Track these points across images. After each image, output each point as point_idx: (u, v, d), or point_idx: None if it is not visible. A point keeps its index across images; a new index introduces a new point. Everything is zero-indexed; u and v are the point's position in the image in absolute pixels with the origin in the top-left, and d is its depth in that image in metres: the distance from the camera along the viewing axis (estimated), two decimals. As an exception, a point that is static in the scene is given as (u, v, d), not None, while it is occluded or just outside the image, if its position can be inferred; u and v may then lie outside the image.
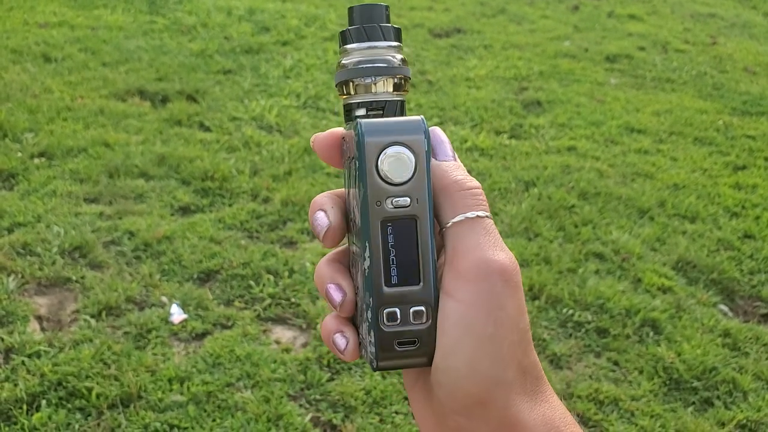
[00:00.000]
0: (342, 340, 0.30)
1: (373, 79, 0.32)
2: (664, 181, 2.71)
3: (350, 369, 1.64)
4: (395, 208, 0.29)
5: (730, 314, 2.00)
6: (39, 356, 1.57)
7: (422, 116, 0.31)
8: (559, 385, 1.65)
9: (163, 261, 1.93)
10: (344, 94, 0.33)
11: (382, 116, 0.31)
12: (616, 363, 1.74)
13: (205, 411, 1.47)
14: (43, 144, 2.48)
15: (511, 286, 0.28)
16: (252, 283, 1.88)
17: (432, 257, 0.29)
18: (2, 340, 1.61)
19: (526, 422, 0.27)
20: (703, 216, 2.48)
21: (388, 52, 0.32)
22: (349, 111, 0.33)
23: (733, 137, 3.21)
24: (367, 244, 0.29)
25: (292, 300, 1.84)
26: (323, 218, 0.31)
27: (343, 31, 0.33)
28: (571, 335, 1.83)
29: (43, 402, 1.45)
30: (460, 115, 3.16)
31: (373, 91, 0.32)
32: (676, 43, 4.68)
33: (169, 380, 1.54)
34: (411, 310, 0.28)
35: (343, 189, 0.33)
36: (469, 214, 0.29)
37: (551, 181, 2.61)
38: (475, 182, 0.30)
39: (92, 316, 1.71)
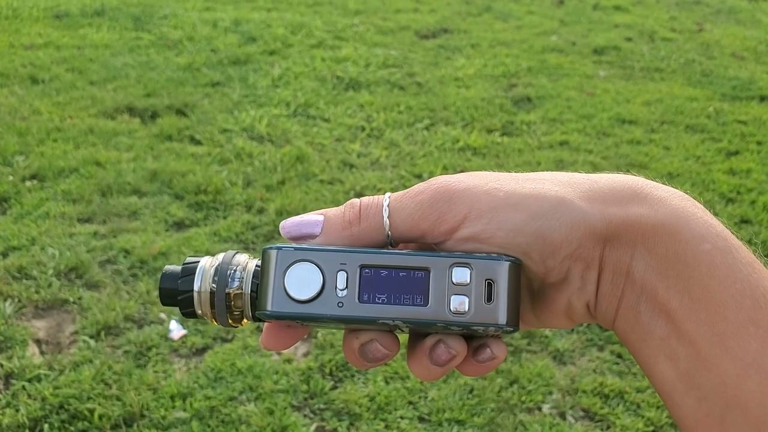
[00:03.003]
0: (491, 350, 0.30)
1: (228, 288, 0.31)
2: (658, 171, 2.71)
3: (353, 376, 1.64)
4: (345, 287, 0.29)
5: (731, 300, 2.00)
6: (39, 380, 1.56)
7: (263, 248, 0.31)
8: (563, 380, 1.65)
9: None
10: (241, 319, 0.33)
11: (258, 286, 0.31)
12: (619, 356, 1.74)
13: (209, 426, 1.46)
14: (34, 166, 2.47)
15: (458, 182, 0.29)
16: (250, 294, 1.87)
17: (408, 253, 0.29)
18: (2, 365, 1.59)
19: (627, 213, 0.27)
20: (698, 203, 2.48)
21: (207, 270, 0.32)
22: (259, 318, 0.32)
23: (724, 123, 3.22)
24: (386, 321, 0.29)
25: (292, 310, 1.83)
26: (373, 348, 0.30)
27: (183, 314, 0.33)
28: (573, 330, 1.82)
29: (46, 426, 1.44)
30: (451, 115, 3.16)
31: (242, 291, 0.32)
32: (662, 32, 4.69)
33: (172, 397, 1.53)
34: (454, 281, 0.28)
35: (344, 334, 0.33)
36: (384, 214, 0.29)
37: (545, 176, 2.61)
38: (354, 203, 0.31)
39: (91, 337, 1.70)
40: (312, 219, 0.31)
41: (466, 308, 0.28)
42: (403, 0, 5.16)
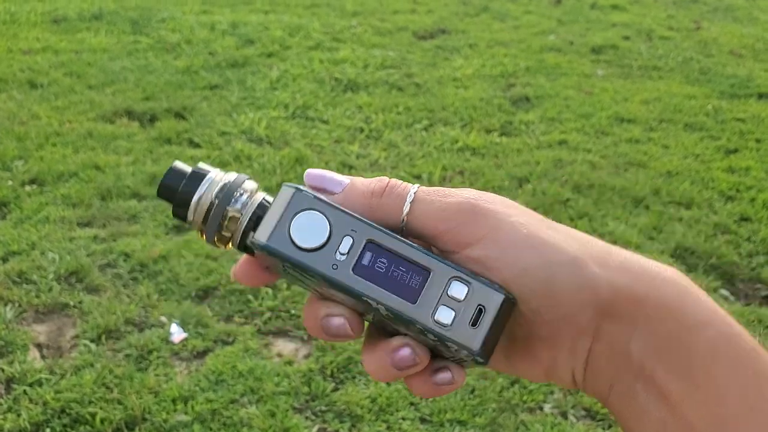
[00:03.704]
0: (444, 375, 0.29)
1: (229, 209, 0.31)
2: (657, 169, 2.72)
3: (354, 378, 1.64)
4: (348, 253, 0.28)
5: (732, 298, 2.00)
6: (41, 384, 1.56)
7: (284, 183, 0.31)
8: (564, 380, 1.65)
9: (160, 281, 1.92)
10: (228, 241, 0.32)
11: (261, 218, 0.31)
12: (620, 354, 1.74)
13: (211, 429, 1.46)
14: (33, 171, 2.47)
15: (493, 202, 0.29)
16: (251, 297, 1.87)
17: (414, 246, 0.28)
18: (3, 370, 1.59)
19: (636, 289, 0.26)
20: (698, 202, 2.49)
21: (213, 183, 0.32)
22: (247, 247, 0.32)
23: (723, 121, 3.22)
24: (366, 299, 0.28)
25: (292, 312, 1.83)
26: (335, 320, 0.29)
27: (173, 213, 0.33)
28: (573, 329, 1.82)
29: (47, 430, 1.44)
30: (449, 115, 3.16)
31: (239, 215, 0.31)
32: (660, 30, 4.69)
33: (173, 400, 1.53)
34: (448, 294, 0.28)
35: (312, 293, 0.32)
36: (408, 200, 0.29)
37: (544, 176, 2.61)
38: (382, 179, 0.30)
39: (92, 341, 1.70)
40: (338, 178, 0.31)
41: (450, 322, 0.27)
42: (400, 1, 5.17)
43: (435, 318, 0.28)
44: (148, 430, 1.45)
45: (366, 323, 0.31)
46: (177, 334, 1.72)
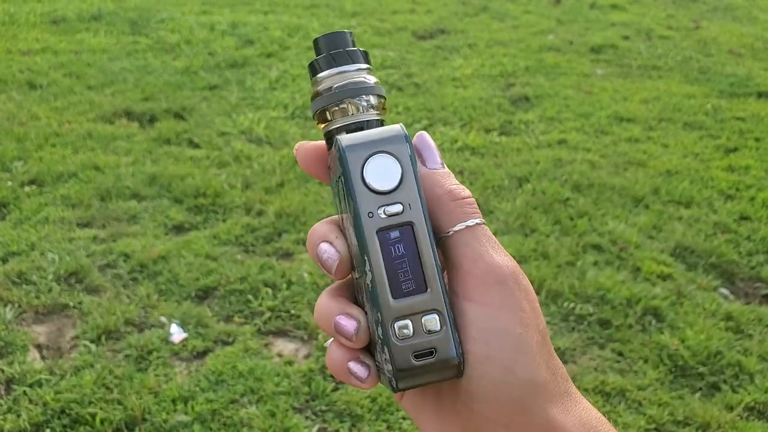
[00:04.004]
0: (360, 367, 0.29)
1: (348, 102, 0.32)
2: (656, 168, 2.72)
3: (354, 377, 1.64)
4: (388, 216, 0.29)
5: (731, 297, 2.00)
6: (40, 385, 1.55)
7: (401, 124, 0.31)
8: (564, 379, 1.65)
9: (159, 281, 1.92)
10: (323, 122, 0.33)
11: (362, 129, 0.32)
12: (620, 354, 1.74)
13: (211, 429, 1.46)
14: (32, 171, 2.47)
15: (523, 288, 0.28)
16: (250, 297, 1.87)
17: (435, 262, 0.28)
18: (2, 371, 1.59)
19: (565, 425, 0.26)
20: (697, 200, 2.49)
21: (359, 74, 0.33)
22: (330, 138, 0.32)
23: (722, 120, 3.22)
24: (366, 259, 0.28)
25: (292, 312, 1.83)
26: (330, 249, 0.29)
27: (311, 62, 0.33)
28: (573, 329, 1.82)
29: (47, 431, 1.44)
30: (449, 115, 3.16)
31: (350, 113, 0.32)
32: (659, 29, 4.70)
33: (173, 400, 1.53)
34: (422, 319, 0.28)
35: (336, 216, 0.32)
36: (469, 222, 0.29)
37: (544, 175, 2.61)
38: (467, 191, 0.31)
39: (92, 341, 1.69)
40: (438, 158, 0.31)
41: (402, 337, 0.28)
42: (399, 1, 5.17)
43: (396, 324, 0.28)
44: (148, 431, 1.45)
45: (349, 276, 0.31)
46: (177, 334, 1.72)
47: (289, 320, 1.81)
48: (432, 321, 0.28)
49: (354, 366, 0.29)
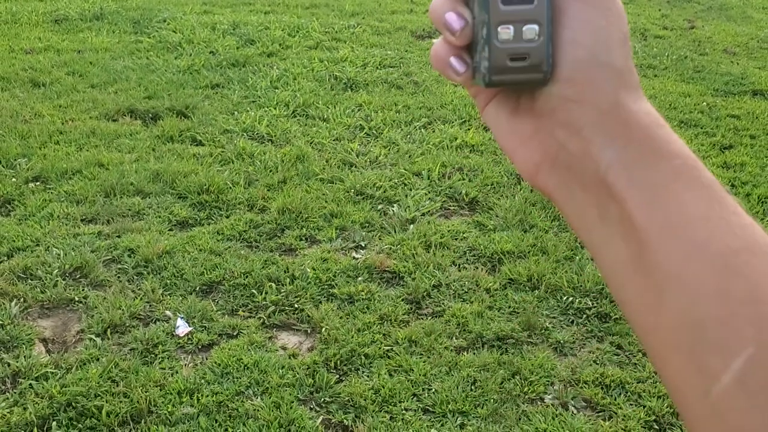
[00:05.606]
0: (459, 63, 0.32)
1: None
2: (654, 166, 2.74)
3: (358, 369, 1.66)
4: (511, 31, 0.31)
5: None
6: (46, 378, 1.57)
7: None
8: (564, 371, 1.67)
9: (164, 276, 1.94)
10: None
11: None
12: (619, 347, 1.76)
13: (216, 421, 1.48)
14: (37, 168, 2.49)
15: None
16: (254, 291, 1.89)
17: None
18: (8, 365, 1.61)
19: (630, 108, 0.30)
20: (694, 197, 2.51)
21: None
22: None
23: (717, 118, 3.25)
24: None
25: (296, 305, 1.85)
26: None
27: None
28: (573, 322, 1.85)
29: (54, 424, 1.46)
30: (448, 113, 3.18)
31: None
32: (654, 29, 4.73)
33: (179, 393, 1.54)
34: (524, 28, 0.31)
35: None
36: None
37: (543, 172, 2.63)
38: None
39: (97, 335, 1.71)
40: None
41: (502, 39, 0.31)
42: (398, 1, 5.20)
43: (500, 28, 0.31)
44: (154, 423, 1.47)
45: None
46: (182, 327, 1.74)
47: (293, 314, 1.83)
48: (531, 30, 0.31)
49: (455, 61, 0.32)
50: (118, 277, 1.93)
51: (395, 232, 2.21)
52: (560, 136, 0.30)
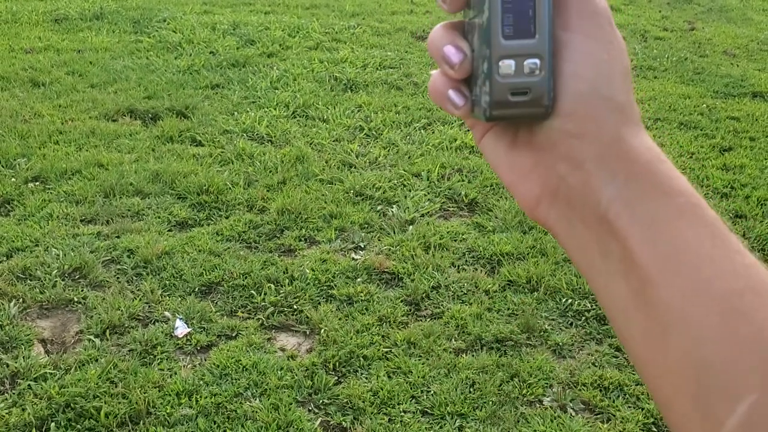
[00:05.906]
0: (458, 96, 0.32)
1: None
2: (653, 168, 2.74)
3: (356, 371, 1.66)
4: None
5: (727, 294, 2.03)
6: (45, 379, 1.57)
7: None
8: (563, 374, 1.68)
9: (163, 276, 1.94)
10: None
11: None
12: (618, 349, 1.76)
13: (215, 423, 1.48)
14: (36, 168, 2.49)
15: (614, 27, 0.32)
16: (254, 292, 1.89)
17: (547, 11, 0.31)
18: (7, 365, 1.61)
19: (632, 143, 0.30)
20: (693, 199, 2.52)
21: None
22: None
23: (717, 119, 3.25)
24: (487, 3, 0.31)
25: (295, 307, 1.85)
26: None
27: None
28: (571, 324, 1.85)
29: (52, 425, 1.46)
30: (448, 114, 3.18)
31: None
32: (655, 31, 4.73)
33: (177, 394, 1.55)
34: (525, 62, 0.31)
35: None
36: None
37: (542, 174, 2.64)
38: None
39: (96, 336, 1.71)
40: None
41: (503, 74, 0.31)
42: (398, 2, 5.20)
43: (501, 62, 0.31)
44: (152, 424, 1.47)
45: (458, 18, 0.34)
46: (181, 328, 1.74)
47: (292, 315, 1.83)
48: (533, 65, 0.30)
49: (453, 94, 0.32)
50: (117, 277, 1.93)
51: (394, 233, 2.21)
52: (561, 170, 0.30)
